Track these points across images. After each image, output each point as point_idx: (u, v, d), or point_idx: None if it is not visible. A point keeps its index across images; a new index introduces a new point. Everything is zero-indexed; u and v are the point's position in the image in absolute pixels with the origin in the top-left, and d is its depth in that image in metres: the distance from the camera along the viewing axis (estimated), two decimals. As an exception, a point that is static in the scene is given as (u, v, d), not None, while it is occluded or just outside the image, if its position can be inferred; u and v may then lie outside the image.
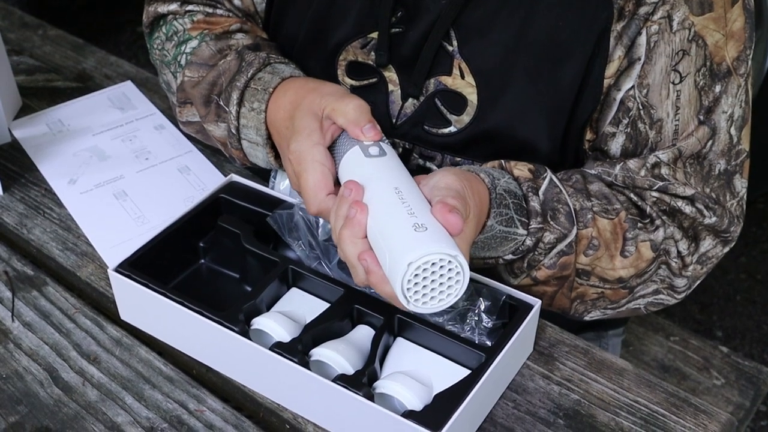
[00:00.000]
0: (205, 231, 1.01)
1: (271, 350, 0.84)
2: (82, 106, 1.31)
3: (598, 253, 0.91)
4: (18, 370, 0.91)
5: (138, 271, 0.92)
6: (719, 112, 0.92)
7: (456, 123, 0.97)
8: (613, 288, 0.93)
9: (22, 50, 1.45)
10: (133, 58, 2.94)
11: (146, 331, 0.95)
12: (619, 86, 0.92)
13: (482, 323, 0.87)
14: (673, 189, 0.92)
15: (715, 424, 0.86)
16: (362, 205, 0.77)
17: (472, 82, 0.95)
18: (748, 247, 2.44)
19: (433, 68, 0.97)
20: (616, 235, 0.91)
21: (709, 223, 0.93)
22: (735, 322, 2.25)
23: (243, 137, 0.97)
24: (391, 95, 1.00)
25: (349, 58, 1.01)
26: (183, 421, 0.86)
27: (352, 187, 0.79)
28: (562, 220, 0.89)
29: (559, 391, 0.89)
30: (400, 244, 0.73)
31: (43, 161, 1.20)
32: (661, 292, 0.97)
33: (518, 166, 0.91)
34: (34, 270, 1.03)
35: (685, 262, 0.95)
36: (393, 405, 0.82)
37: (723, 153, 0.94)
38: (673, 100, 0.91)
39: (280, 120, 0.91)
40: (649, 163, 0.92)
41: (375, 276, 0.76)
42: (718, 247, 0.97)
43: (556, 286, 0.93)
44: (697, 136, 0.92)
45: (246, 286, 0.99)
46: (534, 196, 0.88)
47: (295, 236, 0.94)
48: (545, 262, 0.90)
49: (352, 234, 0.76)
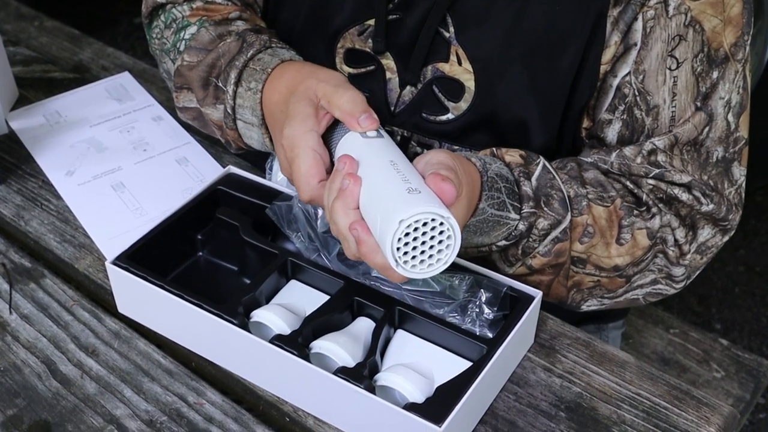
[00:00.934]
0: (203, 223, 1.00)
1: (270, 343, 0.83)
2: (79, 98, 1.30)
3: (593, 241, 0.90)
4: (16, 363, 0.91)
5: (136, 264, 0.91)
6: (716, 98, 0.91)
7: (453, 110, 0.97)
8: (609, 276, 0.93)
9: (18, 41, 1.44)
10: (130, 49, 2.93)
11: (145, 325, 0.94)
12: (615, 72, 0.92)
13: (483, 315, 0.87)
14: (670, 176, 0.92)
15: (717, 417, 0.85)
16: (356, 177, 0.76)
17: (470, 69, 0.95)
18: (747, 240, 2.43)
19: (431, 55, 0.96)
20: (612, 222, 0.91)
21: (706, 211, 0.93)
22: (734, 314, 2.25)
23: (239, 117, 0.96)
24: (389, 83, 1.00)
25: (346, 45, 1.00)
26: (182, 414, 0.86)
27: (346, 161, 0.78)
28: (556, 206, 0.88)
29: (560, 383, 0.88)
30: (393, 205, 0.72)
31: (41, 153, 1.19)
32: (659, 282, 0.96)
33: (509, 153, 0.91)
34: (32, 262, 1.03)
35: (683, 250, 0.95)
36: (394, 397, 0.82)
37: (720, 140, 0.93)
38: (669, 86, 0.91)
39: (275, 104, 0.91)
40: (646, 150, 0.92)
41: (366, 245, 0.75)
42: (718, 236, 0.96)
43: (552, 274, 0.92)
44: (694, 122, 0.91)
45: (245, 279, 0.98)
46: (526, 180, 0.88)
47: (294, 228, 0.93)
48: (540, 249, 0.89)
49: (344, 205, 0.76)
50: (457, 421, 0.77)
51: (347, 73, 1.01)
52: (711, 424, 0.85)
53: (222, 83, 0.97)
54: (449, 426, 0.76)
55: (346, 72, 1.01)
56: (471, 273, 0.89)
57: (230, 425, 0.85)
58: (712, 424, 0.85)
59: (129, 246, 0.93)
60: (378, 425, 0.81)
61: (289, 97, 0.88)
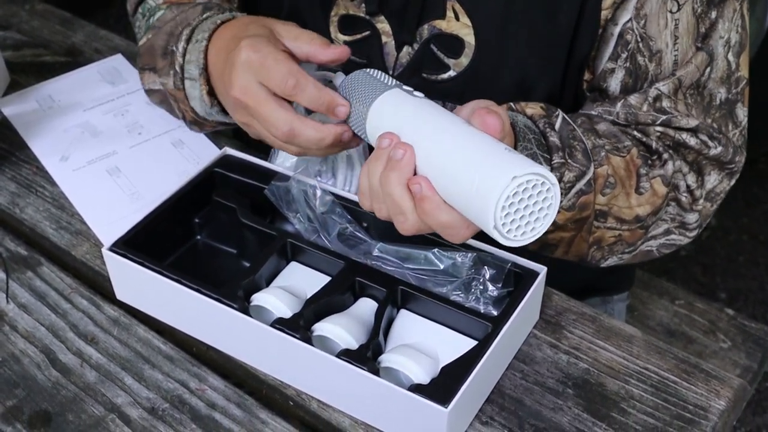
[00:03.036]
0: (200, 206, 0.99)
1: (272, 327, 0.82)
2: (72, 81, 1.28)
3: (615, 191, 0.89)
4: (14, 353, 0.89)
5: (133, 250, 0.90)
6: (716, 38, 0.90)
7: (455, 66, 0.96)
8: (630, 229, 0.91)
9: (9, 26, 1.42)
10: (122, 31, 2.90)
11: (144, 311, 0.93)
12: (616, 20, 0.90)
13: (487, 292, 0.85)
14: (677, 122, 0.91)
15: (727, 390, 0.84)
16: (407, 146, 0.73)
17: (468, 23, 0.93)
18: (750, 208, 2.42)
19: (426, 13, 0.94)
20: (630, 172, 0.89)
21: (714, 155, 0.92)
22: (738, 283, 2.24)
23: (186, 76, 0.92)
24: (385, 47, 0.98)
25: (340, 12, 0.99)
26: (184, 401, 0.85)
27: (389, 137, 0.74)
28: (579, 157, 0.86)
29: (567, 360, 0.87)
30: (496, 161, 0.68)
31: (34, 138, 1.17)
32: (672, 232, 0.95)
33: (530, 105, 0.88)
34: (28, 250, 1.01)
35: (695, 196, 0.94)
36: (399, 379, 0.80)
37: (722, 80, 0.92)
38: (671, 29, 0.89)
39: (219, 49, 0.87)
40: (651, 96, 0.91)
41: (430, 201, 0.71)
42: (725, 181, 0.95)
43: (574, 230, 0.90)
44: (696, 63, 0.90)
45: (244, 262, 0.97)
46: (552, 131, 0.86)
47: (293, 209, 0.92)
48: (564, 203, 0.87)
49: (399, 175, 0.72)
50: (463, 401, 0.76)
51: (342, 41, 0.99)
52: (721, 396, 0.84)
53: (174, 43, 0.94)
54: (455, 406, 0.75)
55: (341, 40, 1.00)
56: (473, 250, 0.87)
57: (233, 410, 0.84)
58: (722, 397, 0.83)
59: (125, 232, 0.92)
60: (383, 407, 0.80)
61: (234, 41, 0.84)
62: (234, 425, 0.82)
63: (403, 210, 0.73)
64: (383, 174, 0.74)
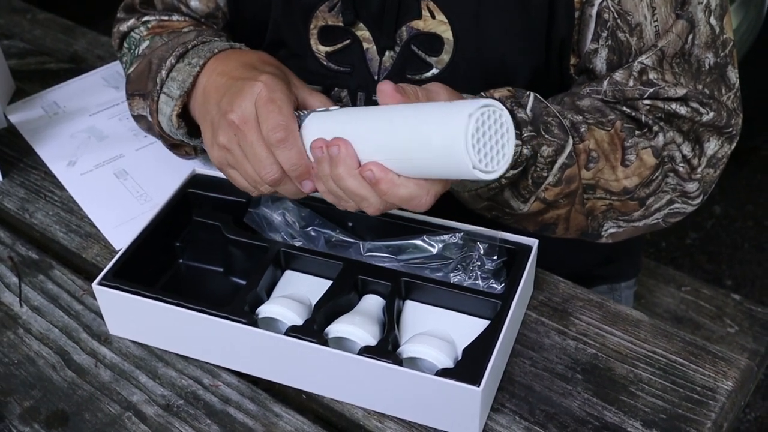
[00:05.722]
0: (179, 229, 0.98)
1: (287, 335, 0.82)
2: (76, 87, 1.30)
3: (599, 165, 0.89)
4: (29, 355, 0.91)
5: (125, 281, 0.88)
6: (694, 4, 0.90)
7: (437, 64, 0.97)
8: (620, 199, 0.92)
9: (12, 35, 1.44)
10: (124, 38, 2.92)
11: (147, 344, 0.91)
12: (591, 1, 0.91)
13: (485, 266, 0.87)
14: (665, 92, 0.91)
15: (734, 371, 0.85)
16: (341, 140, 0.75)
17: (444, 20, 0.95)
18: (755, 194, 2.42)
19: (402, 16, 0.96)
20: (614, 145, 0.90)
21: (707, 121, 0.92)
22: (744, 269, 2.25)
23: (164, 90, 0.93)
24: (367, 53, 0.99)
25: (319, 24, 1.00)
26: (199, 397, 0.86)
27: (318, 143, 0.77)
28: (556, 131, 0.87)
29: (575, 346, 0.88)
30: (444, 111, 0.69)
31: (41, 144, 1.19)
32: (675, 202, 0.95)
33: (497, 91, 0.89)
34: (39, 254, 1.02)
35: (692, 165, 0.94)
36: (423, 367, 0.81)
37: (708, 45, 0.92)
38: (647, 1, 0.89)
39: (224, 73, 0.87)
40: (635, 71, 0.91)
41: (386, 181, 0.73)
42: (725, 146, 0.95)
43: (567, 205, 0.91)
44: (676, 31, 0.90)
45: (233, 278, 0.96)
46: (519, 108, 0.87)
47: (275, 229, 0.92)
48: (550, 179, 0.88)
49: (347, 167, 0.75)
50: (490, 379, 0.77)
51: (324, 52, 1.00)
52: (728, 378, 0.84)
53: (164, 58, 0.94)
54: (486, 385, 0.76)
55: (322, 52, 1.00)
56: (464, 233, 0.88)
57: (247, 405, 0.85)
58: (729, 378, 0.84)
59: (112, 264, 0.89)
60: (412, 398, 0.80)
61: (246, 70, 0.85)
62: (248, 419, 0.83)
63: (364, 197, 0.76)
64: (332, 174, 0.76)
